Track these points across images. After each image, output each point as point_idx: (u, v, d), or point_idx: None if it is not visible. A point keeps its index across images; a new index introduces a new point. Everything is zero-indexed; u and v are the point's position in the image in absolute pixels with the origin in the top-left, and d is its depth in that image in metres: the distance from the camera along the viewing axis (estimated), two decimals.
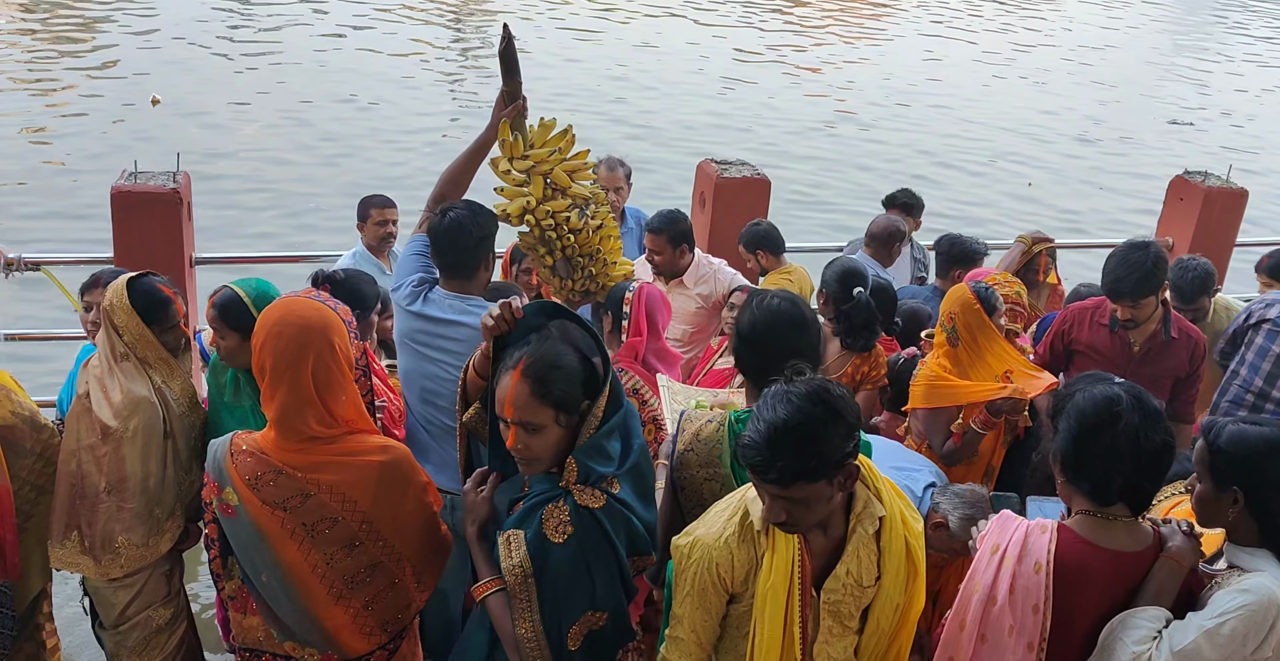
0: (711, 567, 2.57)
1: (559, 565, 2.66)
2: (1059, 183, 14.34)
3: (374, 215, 5.78)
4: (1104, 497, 2.61)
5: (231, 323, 3.54)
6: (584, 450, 2.68)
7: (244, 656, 2.90)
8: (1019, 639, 2.62)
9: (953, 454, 4.42)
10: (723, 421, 3.02)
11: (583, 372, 2.66)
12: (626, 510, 2.73)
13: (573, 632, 2.71)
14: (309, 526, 2.71)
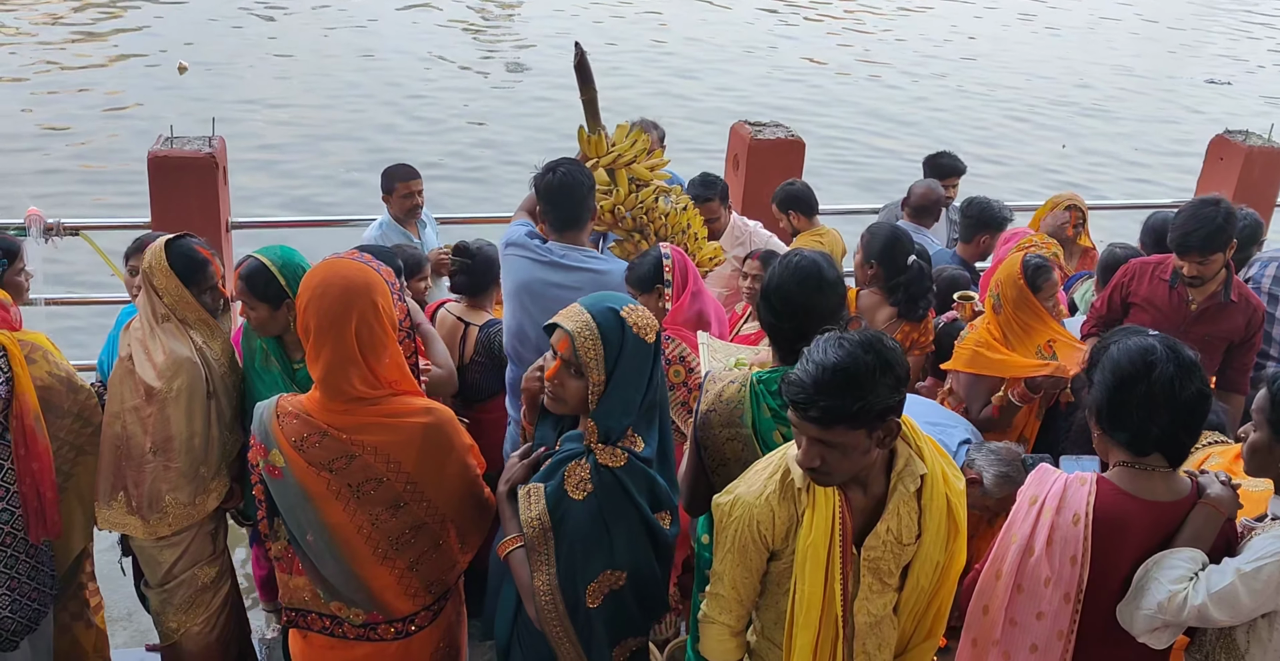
0: (752, 525, 2.59)
1: (577, 521, 2.70)
2: (1093, 143, 14.16)
3: (399, 188, 5.74)
4: (1140, 448, 2.62)
5: (259, 293, 3.55)
6: (601, 411, 2.70)
7: (290, 616, 2.93)
8: (1055, 590, 2.64)
9: (988, 423, 4.44)
10: (745, 382, 3.02)
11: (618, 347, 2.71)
12: (648, 467, 2.75)
13: (590, 589, 2.75)
14: (354, 487, 2.74)
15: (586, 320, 2.69)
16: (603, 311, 2.72)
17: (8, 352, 3.62)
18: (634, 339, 2.70)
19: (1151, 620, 2.57)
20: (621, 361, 2.68)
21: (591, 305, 2.74)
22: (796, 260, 3.02)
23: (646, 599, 2.86)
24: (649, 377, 2.75)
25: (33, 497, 3.76)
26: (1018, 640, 2.72)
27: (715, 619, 2.70)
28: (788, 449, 2.62)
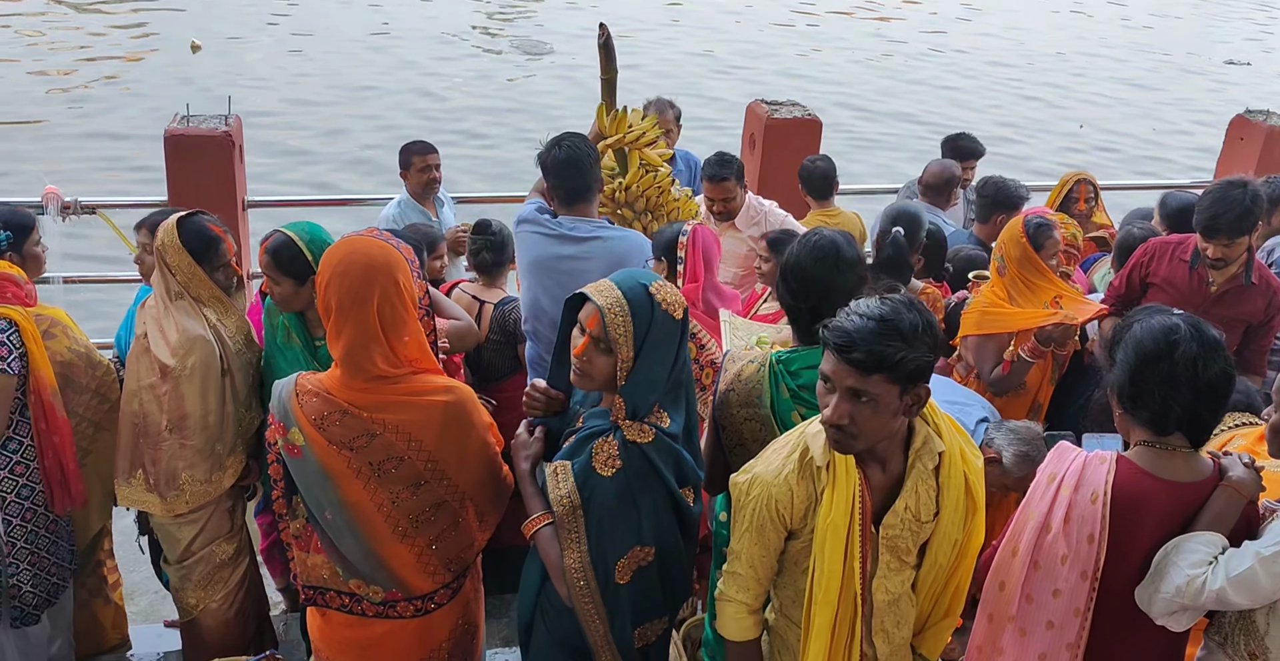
0: (770, 504, 2.58)
1: (606, 498, 2.70)
2: (1111, 123, 14.08)
3: (416, 162, 5.74)
4: (1162, 427, 2.61)
5: (285, 268, 3.53)
6: (629, 387, 2.70)
7: (309, 594, 2.93)
8: (1072, 567, 2.63)
9: (1000, 382, 4.44)
10: (764, 362, 3.01)
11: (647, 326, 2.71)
12: (675, 443, 2.75)
13: (620, 565, 2.76)
14: (375, 465, 2.74)
15: (617, 296, 2.68)
16: (633, 287, 2.71)
17: (20, 328, 3.63)
18: (663, 315, 2.70)
19: (1170, 604, 2.56)
20: (650, 337, 2.68)
21: (621, 280, 2.74)
22: (815, 239, 3.01)
23: (671, 577, 2.87)
24: (676, 354, 2.75)
25: (55, 470, 3.79)
26: (1034, 617, 2.71)
27: (732, 597, 2.70)
28: (806, 427, 2.62)
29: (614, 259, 4.20)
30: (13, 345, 3.61)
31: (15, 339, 3.62)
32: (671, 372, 2.76)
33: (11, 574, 3.84)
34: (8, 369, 3.59)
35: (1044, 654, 2.72)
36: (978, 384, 4.51)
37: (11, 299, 3.67)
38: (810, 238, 3.03)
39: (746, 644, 2.74)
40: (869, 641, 2.67)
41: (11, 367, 3.60)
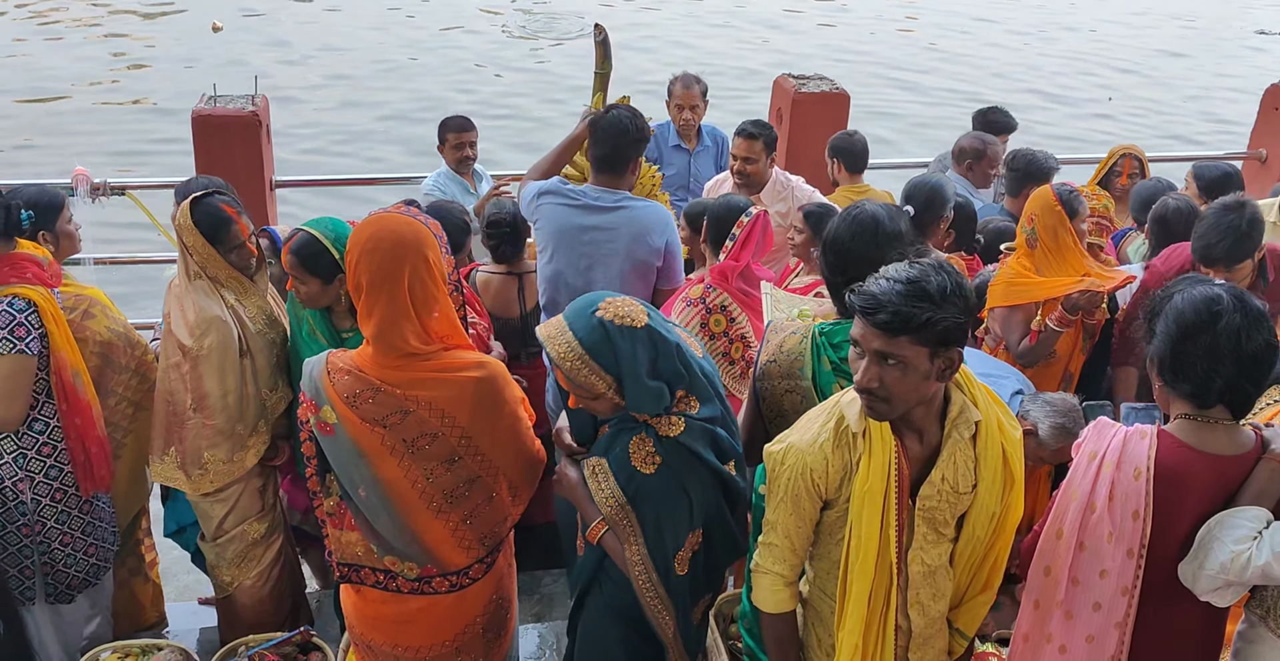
0: (806, 473, 2.56)
1: (654, 494, 2.73)
2: (1143, 92, 13.93)
3: (451, 139, 5.74)
4: (1204, 400, 2.57)
5: (311, 267, 3.53)
6: (633, 402, 2.71)
7: (343, 571, 2.93)
8: (1118, 545, 2.60)
9: (1028, 353, 4.40)
10: (806, 334, 3.00)
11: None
12: (708, 424, 2.74)
13: (679, 558, 2.79)
14: (409, 442, 2.73)
15: (568, 341, 2.69)
16: (582, 322, 2.70)
17: (39, 309, 3.64)
18: (621, 332, 2.68)
19: (1214, 580, 2.53)
20: (622, 360, 2.67)
21: (572, 318, 2.73)
22: (856, 213, 2.98)
23: (720, 551, 2.90)
24: (657, 356, 2.71)
25: (79, 452, 3.81)
26: (1080, 599, 2.68)
27: (768, 569, 2.68)
28: (841, 397, 2.59)
29: (638, 230, 4.23)
30: (31, 326, 3.61)
31: (34, 319, 3.63)
32: (669, 370, 2.73)
33: (43, 552, 3.87)
34: (26, 349, 3.60)
35: (1092, 636, 2.69)
36: (1007, 355, 4.47)
37: (33, 279, 3.68)
38: (851, 212, 3.00)
39: (782, 616, 2.72)
40: (904, 613, 2.65)
41: (30, 348, 3.61)
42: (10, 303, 3.59)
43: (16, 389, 3.63)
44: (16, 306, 3.59)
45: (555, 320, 2.75)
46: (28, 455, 3.76)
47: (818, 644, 2.77)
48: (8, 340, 3.57)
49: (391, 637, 2.94)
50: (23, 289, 3.63)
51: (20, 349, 3.59)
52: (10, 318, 3.57)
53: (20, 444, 3.75)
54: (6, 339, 3.57)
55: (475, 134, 5.78)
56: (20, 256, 3.70)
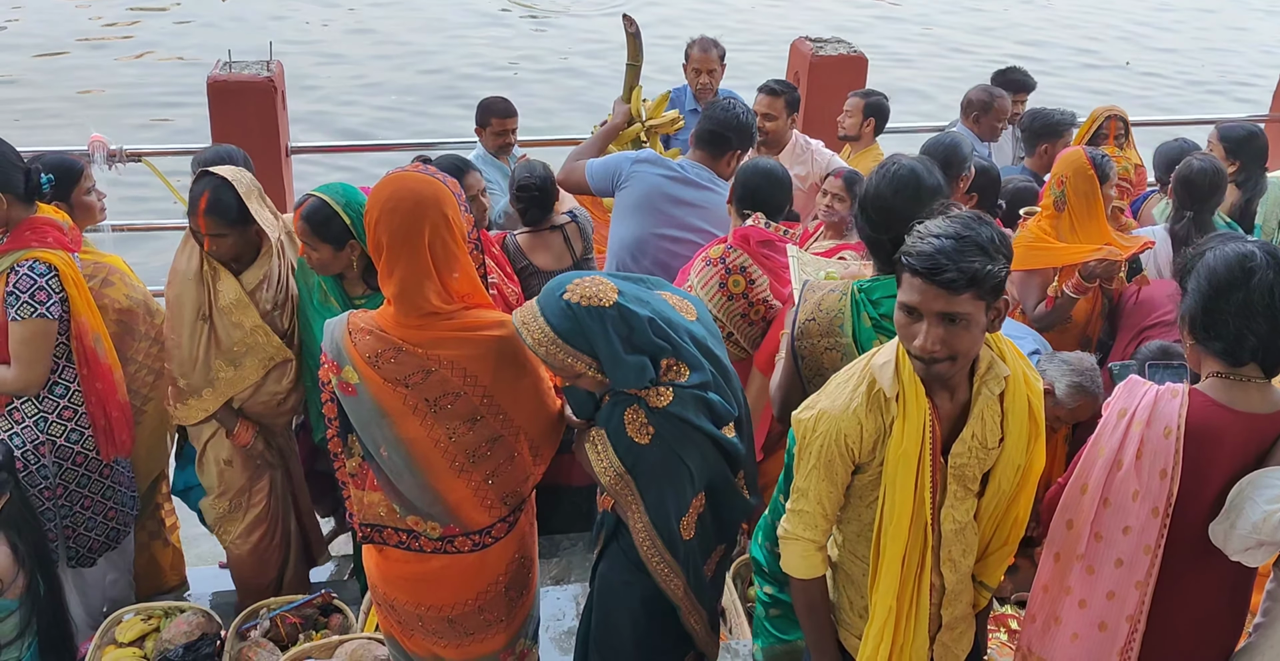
0: (840, 439, 2.54)
1: (652, 463, 2.72)
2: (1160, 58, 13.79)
3: (494, 124, 5.59)
4: (1236, 358, 2.53)
5: (322, 233, 3.52)
6: (618, 380, 2.69)
7: (366, 532, 2.93)
8: (1143, 504, 2.58)
9: (1044, 318, 4.37)
10: (845, 291, 2.98)
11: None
12: (698, 390, 2.73)
13: (684, 523, 2.78)
14: (431, 402, 2.72)
15: (541, 327, 2.67)
16: (552, 307, 2.68)
17: (60, 273, 3.64)
18: (590, 313, 2.65)
19: (1246, 539, 2.50)
20: (595, 340, 2.65)
21: (544, 303, 2.71)
22: (894, 169, 2.94)
23: (725, 509, 2.90)
24: (631, 332, 2.67)
25: (99, 417, 3.84)
26: (1103, 555, 2.66)
27: (800, 535, 2.66)
28: (870, 360, 2.56)
29: (719, 217, 4.36)
30: (52, 290, 3.62)
31: (55, 283, 3.63)
32: (647, 342, 2.69)
33: (65, 516, 3.90)
34: (46, 313, 3.61)
35: (1112, 592, 2.67)
36: (1023, 319, 4.45)
37: (53, 243, 3.68)
38: (889, 167, 2.96)
39: (814, 581, 2.72)
40: (937, 571, 2.65)
41: (51, 312, 3.62)
42: (31, 266, 3.59)
43: (37, 353, 3.64)
44: (37, 270, 3.59)
45: (529, 305, 2.74)
46: (49, 419, 3.77)
47: (850, 606, 2.77)
48: (29, 304, 3.57)
49: (414, 597, 2.94)
50: (44, 253, 3.63)
51: (41, 313, 3.59)
52: (31, 282, 3.58)
53: (41, 408, 3.76)
54: (27, 303, 3.57)
55: (516, 120, 5.67)
56: (41, 220, 3.71)
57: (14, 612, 3.51)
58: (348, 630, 3.95)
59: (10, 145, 3.68)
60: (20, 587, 3.49)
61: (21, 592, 3.50)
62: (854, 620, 2.76)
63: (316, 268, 3.62)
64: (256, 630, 3.92)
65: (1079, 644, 2.75)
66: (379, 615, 3.09)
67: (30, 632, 3.59)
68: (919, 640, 2.68)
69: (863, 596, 2.70)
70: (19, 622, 3.53)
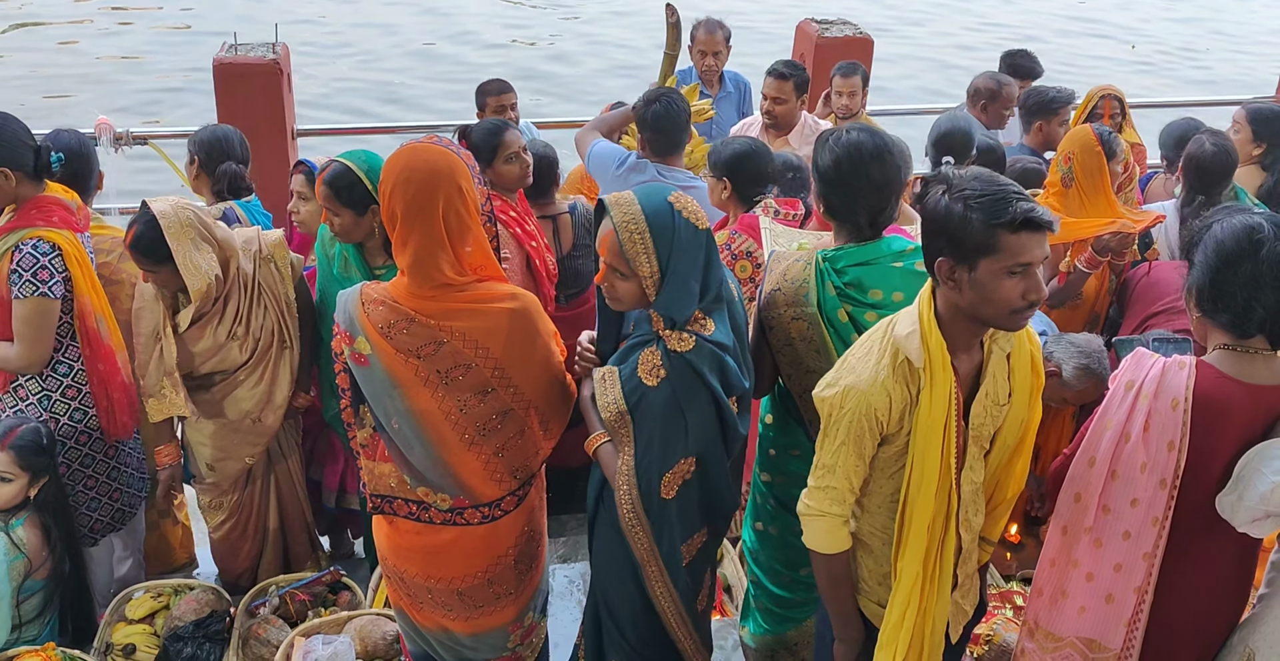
0: (870, 413, 2.51)
1: (653, 407, 2.69)
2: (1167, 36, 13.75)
3: (491, 103, 5.55)
4: (1243, 330, 2.55)
5: (343, 198, 3.51)
6: (661, 301, 2.68)
7: (376, 502, 2.94)
8: (1151, 476, 2.59)
9: (1056, 294, 4.38)
10: (809, 261, 2.97)
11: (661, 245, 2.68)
12: (718, 349, 2.71)
13: (666, 481, 2.74)
14: (443, 373, 2.72)
15: (635, 211, 2.66)
16: (653, 200, 2.67)
17: (63, 252, 3.64)
18: (685, 224, 2.67)
19: (1253, 511, 2.51)
20: (675, 249, 2.65)
21: (642, 193, 2.70)
22: (851, 136, 2.92)
23: (712, 489, 2.85)
24: (706, 264, 2.71)
25: (102, 396, 3.85)
26: (1110, 527, 2.68)
27: (826, 510, 2.63)
28: (890, 330, 2.54)
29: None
30: (55, 269, 3.62)
31: (58, 263, 3.64)
32: (706, 283, 2.72)
33: (68, 495, 3.91)
34: (49, 293, 3.61)
35: (1120, 564, 2.69)
36: None
37: (59, 223, 3.69)
38: (842, 136, 2.94)
39: (840, 555, 2.70)
40: (955, 533, 2.65)
41: (53, 291, 3.62)
42: (35, 245, 3.60)
43: (39, 332, 3.65)
44: (41, 249, 3.60)
45: (626, 193, 2.71)
46: (52, 397, 3.79)
47: (869, 574, 2.76)
48: (31, 283, 3.58)
49: (424, 568, 2.95)
50: (48, 232, 3.64)
51: (43, 292, 3.60)
52: (34, 260, 3.59)
53: (45, 385, 3.78)
54: (30, 281, 3.58)
55: (514, 95, 5.64)
56: (48, 200, 3.71)
57: (38, 592, 3.56)
58: (357, 607, 3.96)
59: (21, 122, 3.69)
60: (48, 569, 3.54)
61: (48, 573, 3.54)
62: (873, 587, 2.75)
63: (339, 234, 3.61)
64: (266, 607, 3.94)
65: (1086, 616, 2.77)
66: (389, 588, 3.11)
67: (51, 609, 3.63)
68: (942, 602, 2.69)
69: (881, 564, 2.70)
70: (42, 601, 3.58)
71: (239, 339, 3.71)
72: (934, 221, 2.43)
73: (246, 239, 3.77)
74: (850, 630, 2.79)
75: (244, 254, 3.71)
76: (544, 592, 3.23)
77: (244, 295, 3.70)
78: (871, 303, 2.92)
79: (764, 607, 3.47)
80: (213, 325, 3.66)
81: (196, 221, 3.55)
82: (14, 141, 3.63)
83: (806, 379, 2.95)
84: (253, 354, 3.75)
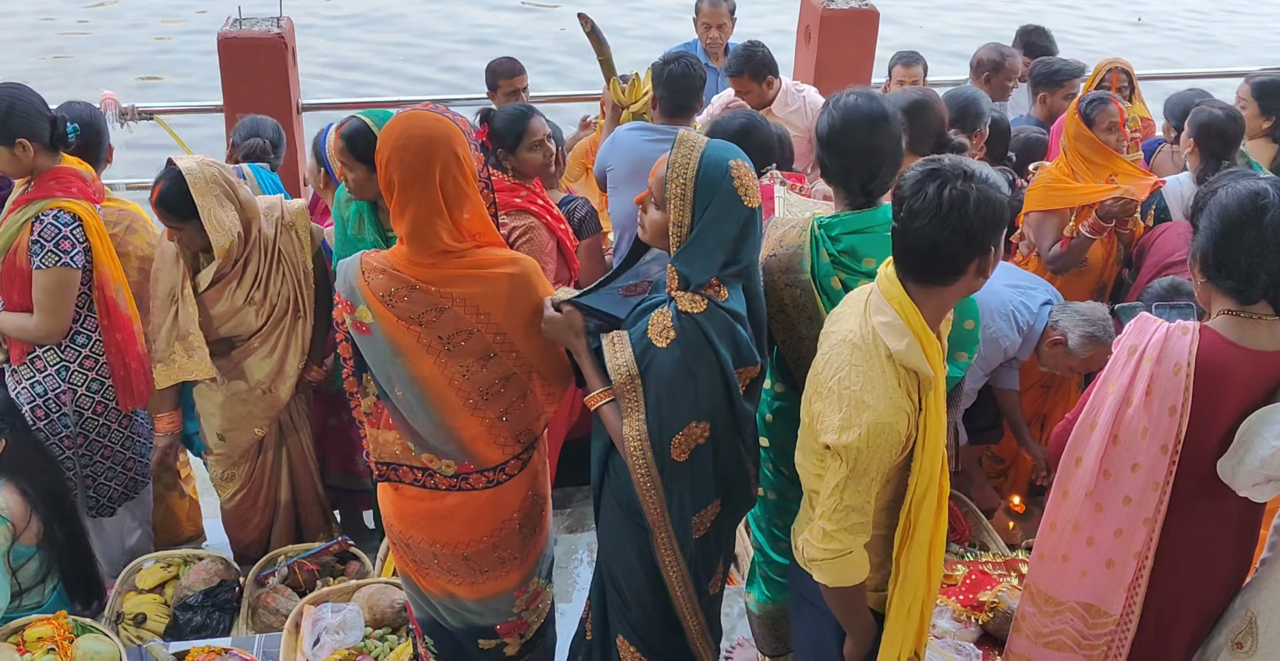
0: (897, 440, 2.41)
1: (663, 369, 2.66)
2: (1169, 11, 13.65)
3: (503, 85, 5.50)
4: (1247, 296, 2.54)
5: (359, 154, 3.53)
6: (681, 256, 2.66)
7: (381, 470, 2.95)
8: (1152, 440, 2.59)
9: (1059, 259, 4.40)
10: (805, 227, 2.94)
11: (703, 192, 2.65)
12: (730, 317, 2.67)
13: (676, 441, 2.70)
14: (445, 339, 2.73)
15: (694, 156, 2.63)
16: (715, 155, 2.64)
17: (84, 223, 3.66)
18: (731, 192, 2.63)
19: (1254, 475, 2.52)
20: (712, 209, 2.62)
21: (712, 148, 2.66)
22: (850, 99, 2.90)
23: (725, 452, 2.80)
24: (739, 238, 2.66)
25: (119, 367, 3.88)
26: (1111, 492, 2.69)
27: (854, 546, 2.50)
28: (882, 346, 2.41)
29: None
30: (76, 239, 3.65)
31: (79, 233, 3.66)
32: (735, 257, 2.68)
33: (85, 465, 3.94)
34: (70, 263, 3.64)
35: (1120, 529, 2.70)
36: (1038, 262, 4.47)
37: (77, 194, 3.71)
38: (842, 99, 2.92)
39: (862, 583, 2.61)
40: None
41: (74, 262, 3.65)
42: (56, 216, 3.63)
43: (60, 302, 3.68)
44: (62, 220, 3.63)
45: (699, 137, 2.69)
46: (70, 368, 3.82)
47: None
48: (53, 253, 3.61)
49: (429, 534, 2.96)
50: (68, 203, 3.67)
51: (65, 262, 3.63)
52: (56, 231, 3.61)
53: (63, 356, 3.81)
54: (52, 252, 3.61)
55: (526, 78, 5.60)
56: (65, 171, 3.74)
57: (32, 557, 3.57)
58: (364, 577, 3.99)
59: (37, 93, 3.71)
60: (36, 533, 3.54)
61: (38, 538, 3.56)
62: (870, 574, 2.63)
63: (353, 189, 3.64)
64: (275, 577, 3.98)
65: (1086, 581, 2.78)
66: (394, 555, 3.13)
67: (53, 577, 3.64)
68: (935, 581, 2.69)
69: (874, 554, 2.60)
70: (39, 567, 3.59)
71: (255, 304, 3.76)
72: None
73: (269, 205, 3.84)
74: (866, 633, 2.70)
75: (265, 219, 3.77)
76: (549, 558, 3.24)
77: (264, 259, 3.77)
78: (865, 271, 2.87)
79: (767, 576, 3.48)
80: (231, 287, 3.72)
81: (221, 179, 3.62)
82: (31, 112, 3.65)
83: (799, 345, 2.94)
84: (268, 321, 3.80)
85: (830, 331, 2.54)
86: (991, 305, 3.83)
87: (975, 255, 2.37)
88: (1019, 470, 4.71)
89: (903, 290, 2.43)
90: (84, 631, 3.53)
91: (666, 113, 4.59)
